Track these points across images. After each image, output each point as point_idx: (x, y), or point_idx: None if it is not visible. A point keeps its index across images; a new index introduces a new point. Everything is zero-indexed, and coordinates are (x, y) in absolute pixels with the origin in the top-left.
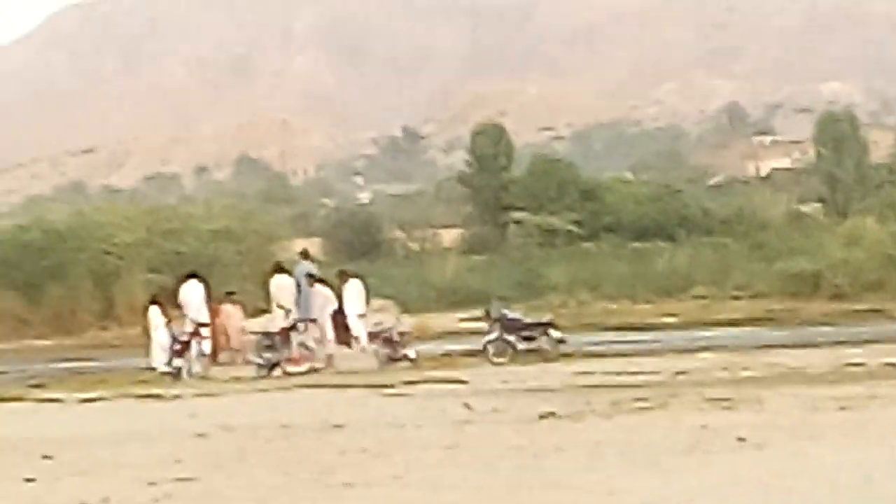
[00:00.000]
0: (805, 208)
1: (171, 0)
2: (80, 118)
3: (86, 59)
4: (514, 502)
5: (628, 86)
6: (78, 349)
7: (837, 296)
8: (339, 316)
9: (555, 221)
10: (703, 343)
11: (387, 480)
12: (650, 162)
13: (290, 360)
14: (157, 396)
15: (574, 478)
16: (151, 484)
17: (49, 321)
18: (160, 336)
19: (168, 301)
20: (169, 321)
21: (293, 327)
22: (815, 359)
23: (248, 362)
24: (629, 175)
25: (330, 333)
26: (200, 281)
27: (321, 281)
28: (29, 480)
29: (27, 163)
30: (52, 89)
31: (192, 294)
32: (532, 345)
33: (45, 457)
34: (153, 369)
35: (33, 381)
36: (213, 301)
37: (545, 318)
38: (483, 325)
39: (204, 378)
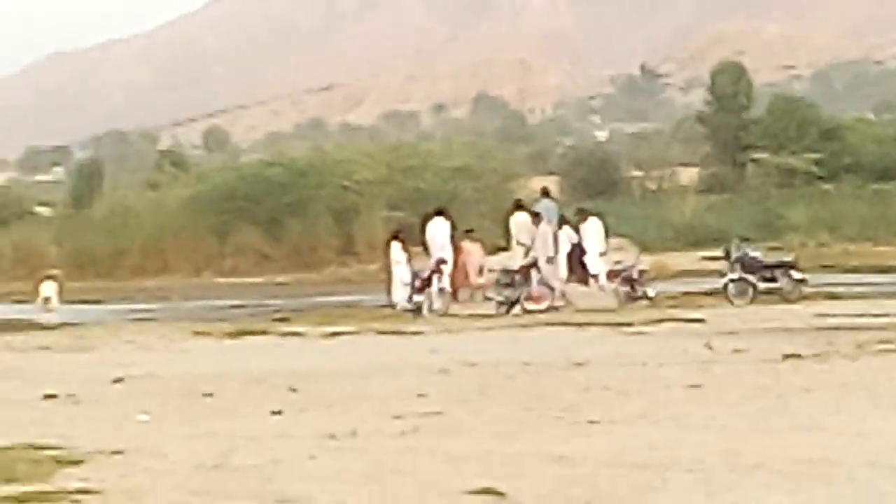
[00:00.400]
0: None
1: None
2: (320, 56)
3: None
4: (762, 443)
5: (870, 25)
6: (318, 284)
7: None
8: (577, 254)
9: (794, 162)
10: None
11: (632, 418)
12: (893, 102)
13: (529, 298)
14: (399, 332)
15: (821, 419)
16: (397, 417)
17: (290, 256)
18: (401, 272)
19: (408, 237)
20: (410, 258)
21: (533, 265)
22: None
23: (487, 299)
24: (871, 115)
25: (564, 272)
26: (446, 218)
27: (562, 219)
28: (275, 413)
29: (268, 100)
30: (292, 27)
31: (437, 231)
32: (772, 285)
33: (291, 389)
34: (393, 305)
35: (277, 316)
36: (453, 238)
37: (786, 259)
38: (722, 264)
39: (444, 315)
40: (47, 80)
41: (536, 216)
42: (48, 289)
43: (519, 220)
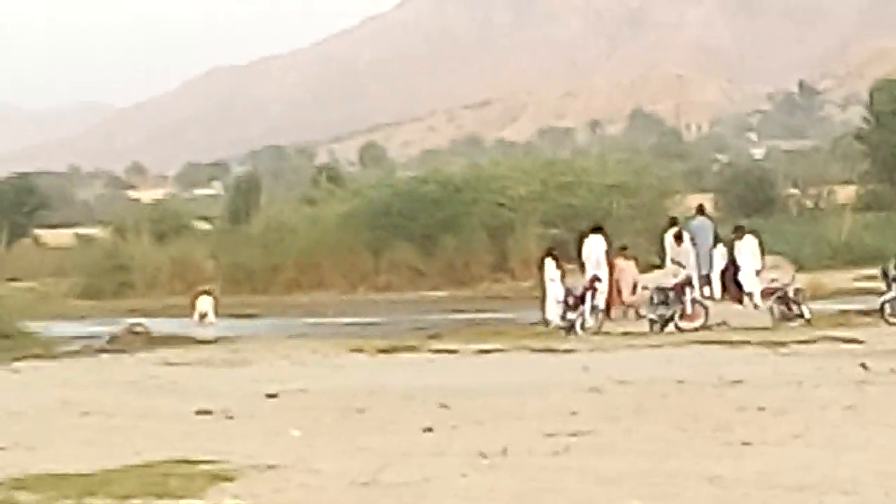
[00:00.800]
0: None
1: None
2: (475, 71)
3: (480, 11)
4: None
5: None
6: (472, 301)
7: None
8: (732, 272)
9: None
10: None
11: (786, 439)
12: None
13: (683, 316)
14: (551, 350)
15: None
16: (549, 435)
17: (443, 272)
18: (555, 289)
19: (562, 254)
20: (563, 275)
21: (688, 282)
22: None
23: (641, 317)
24: None
25: (718, 290)
26: (603, 235)
27: (716, 237)
28: (427, 430)
29: (424, 115)
30: (448, 43)
31: (593, 248)
32: None
33: (443, 406)
34: (547, 322)
35: (429, 332)
36: (608, 256)
37: None
38: (880, 283)
39: (597, 333)
40: (206, 96)
41: (679, 238)
42: (205, 304)
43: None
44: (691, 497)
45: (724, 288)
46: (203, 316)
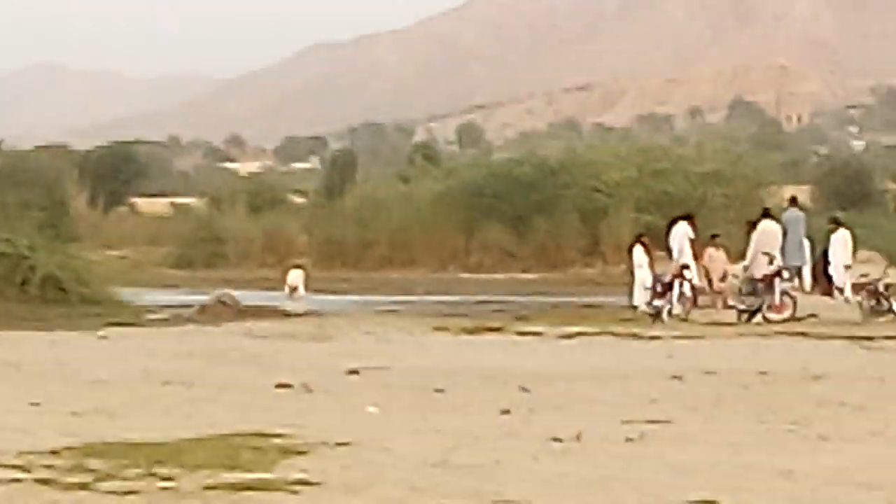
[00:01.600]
0: None
1: None
2: (578, 56)
3: None
4: None
5: None
6: (562, 284)
7: None
8: (823, 265)
9: None
10: None
11: (864, 436)
12: None
13: (771, 308)
14: (636, 336)
15: None
16: (626, 422)
17: (535, 255)
18: (643, 275)
19: (653, 241)
20: (652, 261)
21: (778, 274)
22: None
23: (728, 307)
24: None
25: (808, 283)
26: (691, 223)
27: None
28: (505, 412)
29: (524, 98)
30: (552, 26)
31: (678, 235)
32: None
33: (523, 389)
34: (634, 308)
35: (517, 314)
36: (698, 243)
37: None
38: None
39: (684, 320)
40: (308, 71)
41: (753, 225)
42: (295, 278)
43: (766, 228)
44: (762, 491)
45: (815, 281)
46: (293, 289)
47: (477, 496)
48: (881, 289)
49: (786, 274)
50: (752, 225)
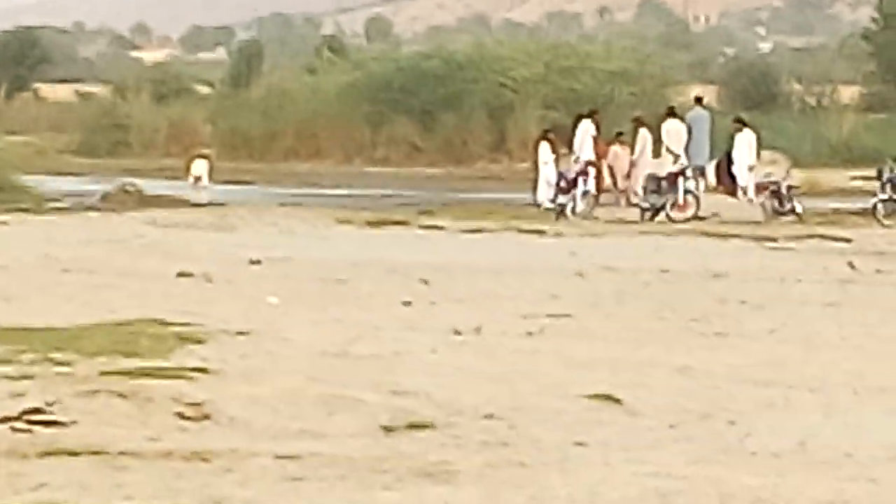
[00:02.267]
0: None
1: None
2: None
3: None
4: (891, 366)
5: None
6: (467, 179)
7: None
8: (726, 165)
9: None
10: None
11: (762, 334)
12: None
13: (675, 206)
14: (540, 232)
15: None
16: (526, 317)
17: (441, 150)
18: (548, 172)
19: (559, 138)
20: (557, 158)
21: (682, 173)
22: None
23: (632, 205)
24: None
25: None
26: (594, 121)
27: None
28: (406, 304)
29: None
30: None
31: (584, 132)
32: None
33: (423, 281)
34: (538, 205)
35: (421, 208)
36: (602, 141)
37: None
38: (874, 184)
39: (587, 217)
40: None
41: (637, 120)
42: (199, 167)
43: (671, 127)
44: (659, 386)
45: (719, 180)
46: (197, 179)
47: (375, 386)
48: (784, 190)
49: (689, 173)
50: (638, 121)
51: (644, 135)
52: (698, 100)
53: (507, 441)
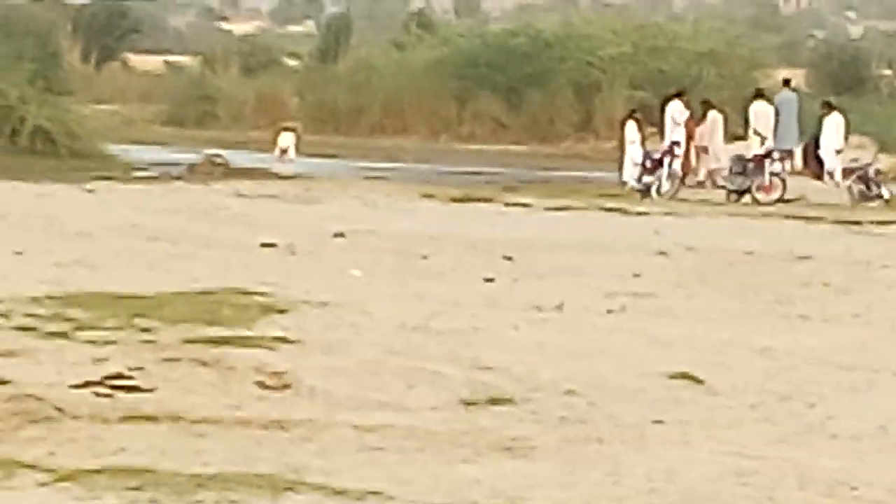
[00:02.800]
0: None
1: None
2: None
3: None
4: None
5: None
6: (552, 158)
7: None
8: (813, 148)
9: None
10: None
11: (845, 317)
12: None
13: (761, 188)
14: (624, 211)
15: None
16: (608, 295)
17: (527, 127)
18: (634, 152)
19: (645, 118)
20: (644, 138)
21: (768, 155)
22: None
23: (718, 186)
24: None
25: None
26: (684, 101)
27: None
28: (488, 280)
29: None
30: None
31: (674, 113)
32: None
33: (506, 258)
34: (623, 184)
35: (506, 185)
36: (690, 122)
37: None
38: None
39: (672, 198)
40: None
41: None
42: (286, 140)
43: (758, 109)
44: (739, 367)
45: (805, 164)
46: (283, 152)
47: (455, 360)
48: (871, 174)
49: (776, 155)
50: (707, 104)
51: (714, 117)
52: (786, 82)
53: (585, 417)
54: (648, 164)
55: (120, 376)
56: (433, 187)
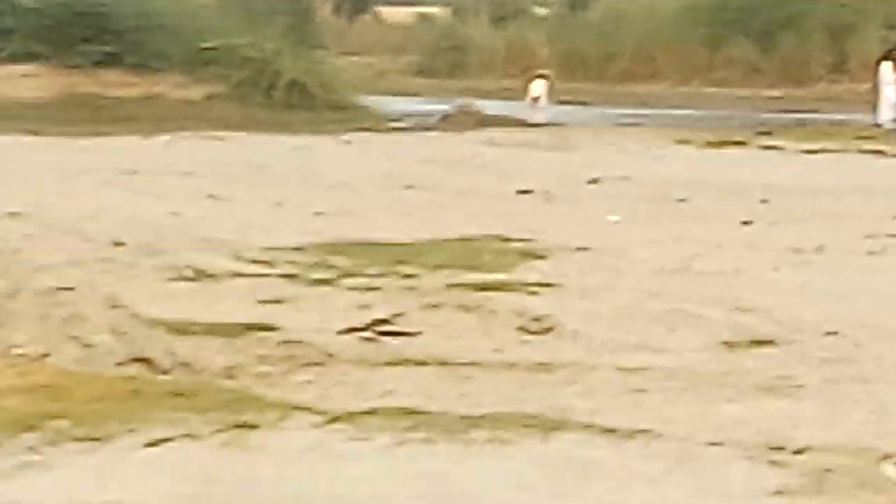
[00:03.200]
0: None
1: None
2: None
3: None
4: None
5: None
6: (806, 101)
7: None
8: None
9: None
10: None
11: None
12: None
13: None
14: (881, 153)
15: None
16: (868, 236)
17: (780, 71)
18: (890, 93)
19: None
20: None
21: None
22: None
23: None
24: None
25: None
26: None
27: None
28: (746, 223)
29: None
30: None
31: None
32: None
33: (763, 201)
34: (878, 126)
35: (760, 129)
36: None
37: None
38: None
39: None
40: None
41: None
42: (538, 87)
43: None
44: None
45: None
46: (535, 99)
47: (716, 303)
48: None
49: None
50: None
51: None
52: None
53: (849, 358)
54: None
55: (384, 322)
56: (687, 132)
